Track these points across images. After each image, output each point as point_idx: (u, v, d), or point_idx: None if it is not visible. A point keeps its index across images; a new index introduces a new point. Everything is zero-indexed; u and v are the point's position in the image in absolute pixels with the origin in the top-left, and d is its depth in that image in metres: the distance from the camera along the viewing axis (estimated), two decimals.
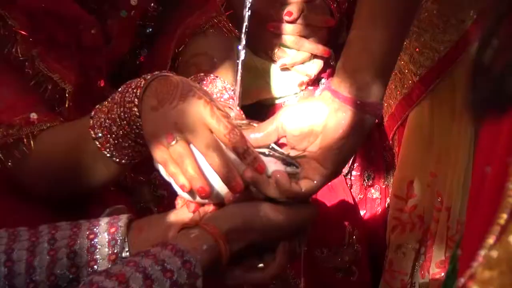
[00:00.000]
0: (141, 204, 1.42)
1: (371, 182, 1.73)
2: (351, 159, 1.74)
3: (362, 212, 1.68)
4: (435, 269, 1.55)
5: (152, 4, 1.47)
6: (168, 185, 1.18)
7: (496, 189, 0.55)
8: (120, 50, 1.47)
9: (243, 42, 1.30)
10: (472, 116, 0.57)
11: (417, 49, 1.46)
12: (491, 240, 0.57)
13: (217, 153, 1.13)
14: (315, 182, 1.19)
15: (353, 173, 1.69)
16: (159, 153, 1.15)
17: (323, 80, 1.70)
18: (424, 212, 1.56)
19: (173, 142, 1.13)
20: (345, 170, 1.69)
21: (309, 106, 1.23)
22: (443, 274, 1.53)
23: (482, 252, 0.58)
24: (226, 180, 1.13)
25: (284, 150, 1.23)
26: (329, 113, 1.19)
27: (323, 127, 1.19)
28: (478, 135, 0.67)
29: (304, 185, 1.19)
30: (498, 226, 0.57)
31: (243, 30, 1.29)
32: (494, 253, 0.56)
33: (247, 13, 1.29)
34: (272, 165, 1.19)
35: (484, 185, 0.58)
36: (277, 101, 1.70)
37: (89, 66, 1.39)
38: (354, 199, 1.67)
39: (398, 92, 1.54)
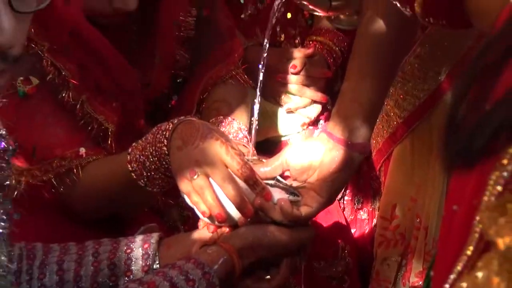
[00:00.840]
0: (170, 223, 1.42)
1: (360, 205, 1.71)
2: None
3: (352, 231, 1.67)
4: (414, 278, 1.54)
5: (183, 53, 1.49)
6: (192, 209, 1.19)
7: (464, 225, 0.55)
8: (155, 95, 1.48)
9: (259, 94, 1.32)
10: (444, 167, 0.57)
11: (401, 96, 1.46)
12: (459, 267, 0.57)
13: (232, 185, 1.14)
14: (313, 208, 1.21)
15: (345, 198, 1.68)
16: (184, 185, 1.16)
17: (321, 122, 1.71)
18: (406, 231, 1.55)
19: (195, 176, 1.14)
20: (338, 196, 1.69)
21: (308, 145, 1.25)
22: (421, 283, 1.52)
23: (452, 276, 0.57)
24: (239, 207, 1.14)
25: (287, 182, 1.24)
26: (325, 152, 1.21)
27: (320, 163, 1.21)
28: (449, 177, 0.67)
29: (304, 210, 1.20)
30: (465, 256, 0.56)
31: (259, 83, 1.32)
32: (464, 284, 0.55)
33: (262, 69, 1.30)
34: (277, 194, 1.20)
35: (454, 220, 0.58)
36: (283, 138, 1.70)
37: (129, 109, 1.41)
38: (346, 220, 1.66)
39: (385, 131, 1.54)
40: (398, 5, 0.90)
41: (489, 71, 0.51)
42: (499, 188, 0.49)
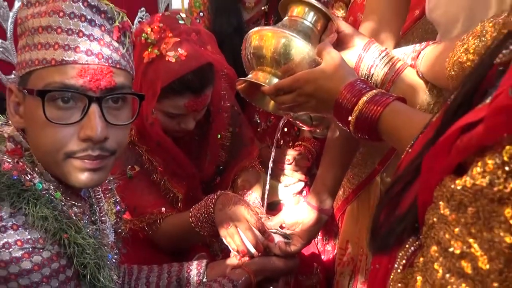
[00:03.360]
0: (213, 253, 1.40)
1: (327, 241, 1.67)
2: None
3: (322, 257, 1.64)
4: (360, 285, 1.50)
5: (223, 153, 1.49)
6: (227, 245, 1.19)
7: (383, 279, 0.52)
8: (206, 177, 1.48)
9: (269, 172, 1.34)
10: (370, 251, 0.56)
11: (351, 176, 1.44)
12: None
13: (251, 232, 1.14)
14: (298, 247, 1.21)
15: (318, 237, 1.65)
16: (222, 232, 1.17)
17: (304, 192, 1.69)
18: (354, 256, 1.52)
19: (229, 227, 1.15)
20: None
21: (296, 209, 1.25)
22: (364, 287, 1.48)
23: None
24: (254, 246, 1.14)
25: (284, 230, 1.24)
26: (305, 213, 1.22)
27: (302, 220, 1.22)
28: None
29: (293, 248, 1.20)
30: None
31: (269, 169, 1.33)
32: None
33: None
34: (277, 238, 1.20)
35: (378, 274, 0.55)
36: (281, 202, 1.67)
37: (190, 185, 1.41)
38: (318, 250, 1.62)
39: (342, 197, 1.51)
40: (340, 125, 0.90)
41: (395, 197, 0.50)
42: (403, 261, 0.48)
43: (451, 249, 0.39)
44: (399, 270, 0.48)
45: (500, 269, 0.36)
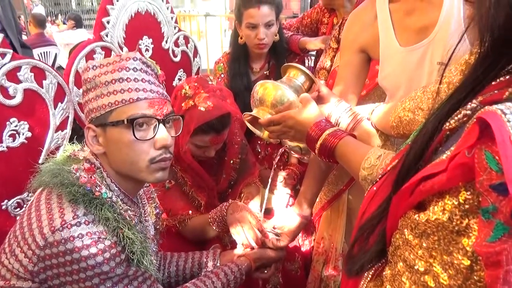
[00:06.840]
0: (225, 244, 1.38)
1: (305, 238, 1.64)
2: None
3: (302, 249, 1.62)
4: (330, 271, 1.48)
5: (234, 173, 1.48)
6: (235, 239, 1.18)
7: (354, 286, 0.51)
8: (221, 189, 1.46)
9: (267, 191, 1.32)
10: (346, 273, 0.52)
11: (325, 191, 1.43)
12: None
13: (252, 231, 1.13)
14: (285, 242, 1.18)
15: (299, 235, 1.64)
16: (231, 230, 1.16)
17: (291, 201, 1.66)
18: (326, 249, 1.50)
19: (237, 226, 1.14)
20: None
21: (284, 215, 1.24)
22: (333, 272, 1.46)
23: None
24: (254, 241, 1.13)
25: (276, 230, 1.21)
26: (291, 219, 1.20)
27: (289, 223, 1.20)
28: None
29: (282, 243, 1.17)
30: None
31: (268, 185, 1.32)
32: None
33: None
34: (271, 235, 1.18)
35: (349, 282, 0.53)
36: (274, 208, 1.63)
37: (210, 195, 1.39)
38: (299, 244, 1.60)
39: (319, 206, 1.50)
40: (311, 151, 0.91)
41: (366, 234, 0.49)
42: (370, 276, 0.47)
43: (416, 267, 0.38)
44: (368, 279, 0.47)
45: (459, 284, 0.34)
